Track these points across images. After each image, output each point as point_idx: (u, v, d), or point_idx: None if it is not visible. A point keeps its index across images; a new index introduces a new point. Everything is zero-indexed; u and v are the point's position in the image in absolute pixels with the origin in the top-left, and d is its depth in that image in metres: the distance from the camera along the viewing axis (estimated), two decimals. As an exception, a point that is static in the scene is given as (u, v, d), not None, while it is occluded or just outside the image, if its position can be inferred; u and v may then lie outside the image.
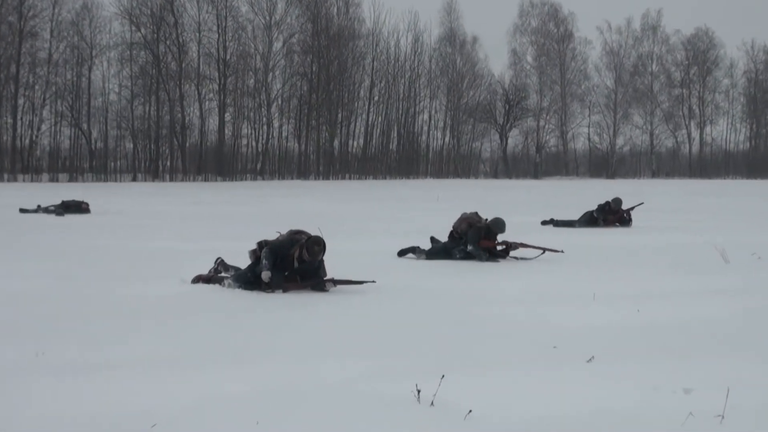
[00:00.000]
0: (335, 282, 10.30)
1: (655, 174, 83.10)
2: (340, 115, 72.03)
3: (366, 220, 23.31)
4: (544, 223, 21.38)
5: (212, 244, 15.34)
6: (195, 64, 66.50)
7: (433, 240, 14.64)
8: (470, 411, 5.22)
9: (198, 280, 10.76)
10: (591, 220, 21.24)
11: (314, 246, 10.19)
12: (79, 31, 63.18)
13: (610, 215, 21.31)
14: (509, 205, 30.30)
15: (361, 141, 74.53)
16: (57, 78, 62.95)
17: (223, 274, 10.92)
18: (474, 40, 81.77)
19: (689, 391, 5.65)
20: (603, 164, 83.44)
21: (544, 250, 14.18)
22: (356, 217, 24.49)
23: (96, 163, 63.44)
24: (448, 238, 14.43)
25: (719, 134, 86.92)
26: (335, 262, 10.77)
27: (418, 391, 5.43)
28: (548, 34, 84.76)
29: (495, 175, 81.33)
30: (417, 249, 14.33)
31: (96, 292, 10.07)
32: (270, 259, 10.18)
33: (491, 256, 13.93)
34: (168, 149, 66.09)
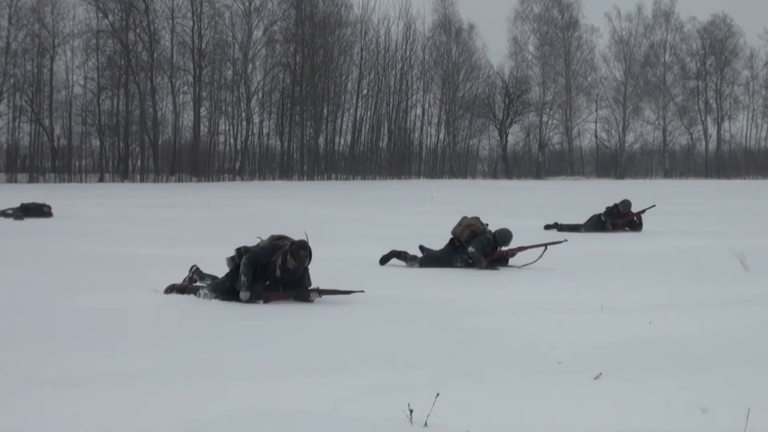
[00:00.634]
0: (320, 292, 10.30)
1: (668, 174, 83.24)
2: (325, 110, 72.02)
3: (354, 224, 23.30)
4: (547, 227, 21.43)
5: (187, 251, 15.32)
6: (168, 53, 66.40)
7: (422, 249, 14.59)
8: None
9: (171, 289, 10.75)
10: (598, 224, 21.30)
11: (300, 251, 10.20)
12: (40, 18, 63.02)
13: (619, 219, 21.37)
14: (509, 207, 30.33)
15: (349, 138, 74.52)
16: (16, 69, 62.74)
17: (199, 283, 10.91)
18: (471, 27, 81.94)
19: (706, 410, 5.66)
20: (611, 163, 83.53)
21: (545, 246, 14.24)
22: (343, 221, 24.48)
23: (59, 163, 63.27)
24: (447, 245, 14.44)
25: (738, 130, 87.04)
26: (320, 270, 10.77)
27: (411, 411, 5.43)
28: (552, 21, 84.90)
29: (494, 175, 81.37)
30: (406, 255, 14.33)
31: (58, 303, 10.04)
32: (249, 274, 10.18)
33: (490, 263, 13.97)
34: (138, 147, 65.94)
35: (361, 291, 10.37)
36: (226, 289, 10.35)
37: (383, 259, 14.39)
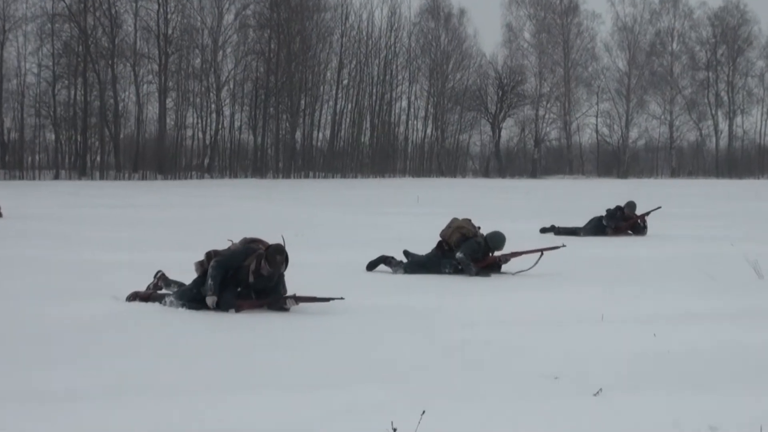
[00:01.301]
0: (297, 299, 10.30)
1: (675, 173, 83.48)
2: (303, 102, 71.96)
3: (333, 227, 23.30)
4: (543, 230, 21.46)
5: (150, 256, 15.28)
6: (130, 39, 66.24)
7: (407, 254, 14.59)
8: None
9: (134, 297, 10.74)
10: (598, 227, 21.34)
11: (276, 255, 10.20)
12: (-12, -1, 62.79)
13: (623, 222, 21.42)
14: (502, 209, 30.37)
15: (328, 132, 74.49)
16: (-38, 56, 62.52)
17: (164, 290, 10.90)
18: (461, 13, 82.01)
19: (715, 429, 5.69)
20: (613, 161, 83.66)
21: (541, 252, 14.25)
22: (321, 223, 24.48)
23: (9, 158, 63.01)
24: (435, 248, 14.45)
25: (752, 126, 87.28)
26: (296, 276, 10.77)
27: (395, 430, 5.44)
28: (549, 6, 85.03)
29: (486, 173, 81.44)
30: (392, 260, 14.34)
31: (6, 312, 10.01)
32: (217, 278, 10.18)
33: (481, 269, 13.98)
34: (98, 141, 65.73)
35: (341, 298, 10.37)
36: (194, 297, 10.34)
37: (371, 265, 14.39)
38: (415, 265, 14.19)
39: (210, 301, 10.16)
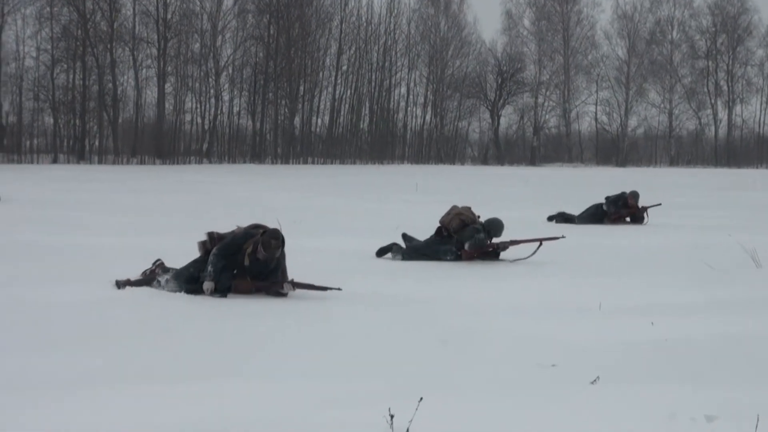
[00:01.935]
0: (294, 285, 10.29)
1: (673, 162, 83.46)
2: (302, 88, 71.86)
3: (331, 213, 23.29)
4: (551, 219, 21.41)
5: (149, 240, 15.28)
6: (129, 23, 66.13)
7: (406, 237, 14.58)
8: (452, 442, 5.23)
9: (126, 283, 10.69)
10: (596, 215, 21.29)
11: (271, 240, 10.20)
12: (-13, -17, 62.66)
13: (624, 209, 21.38)
14: (502, 196, 30.35)
15: (327, 118, 74.42)
16: (-40, 39, 62.40)
17: (160, 276, 10.87)
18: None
19: (712, 418, 5.68)
20: (612, 149, 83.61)
21: (540, 242, 14.24)
22: (319, 209, 24.47)
23: (8, 142, 62.94)
24: (434, 234, 14.44)
25: (751, 115, 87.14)
26: (294, 263, 10.76)
27: (391, 416, 5.43)
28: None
29: (485, 160, 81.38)
30: (392, 247, 14.34)
31: (3, 295, 10.00)
32: (218, 266, 10.21)
33: (479, 256, 14.01)
34: (96, 126, 65.65)
35: (339, 289, 10.36)
36: (191, 276, 10.36)
37: (380, 251, 14.37)
38: (414, 251, 14.17)
39: (207, 286, 10.16)
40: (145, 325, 8.70)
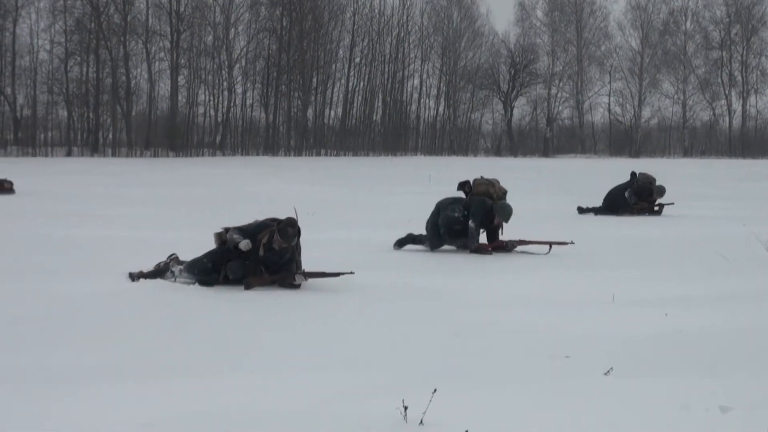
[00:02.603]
0: (307, 275, 10.31)
1: (687, 152, 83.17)
2: (314, 80, 71.83)
3: (344, 205, 23.30)
4: (581, 211, 21.44)
5: (163, 234, 15.30)
6: (142, 16, 66.14)
7: (416, 239, 14.56)
8: (466, 431, 5.24)
9: (140, 275, 10.71)
10: (616, 203, 21.17)
11: (288, 228, 10.21)
12: (1, -24, 62.73)
13: (649, 198, 21.36)
14: (514, 188, 30.26)
15: (340, 111, 74.34)
16: (-25, 33, 62.51)
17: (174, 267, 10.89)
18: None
19: (726, 409, 5.68)
20: (625, 140, 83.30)
21: (550, 245, 14.16)
22: (332, 201, 24.47)
23: (22, 135, 63.04)
24: (457, 187, 14.51)
25: (765, 106, 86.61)
26: (308, 254, 10.77)
27: (405, 408, 5.44)
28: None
29: (497, 152, 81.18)
30: (422, 238, 14.29)
31: (16, 288, 10.03)
32: (240, 233, 10.24)
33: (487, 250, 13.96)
34: (110, 118, 65.71)
35: (351, 272, 10.38)
36: (205, 268, 10.38)
37: (400, 242, 14.37)
38: (432, 232, 14.14)
39: (244, 244, 10.20)
40: (155, 319, 8.72)
